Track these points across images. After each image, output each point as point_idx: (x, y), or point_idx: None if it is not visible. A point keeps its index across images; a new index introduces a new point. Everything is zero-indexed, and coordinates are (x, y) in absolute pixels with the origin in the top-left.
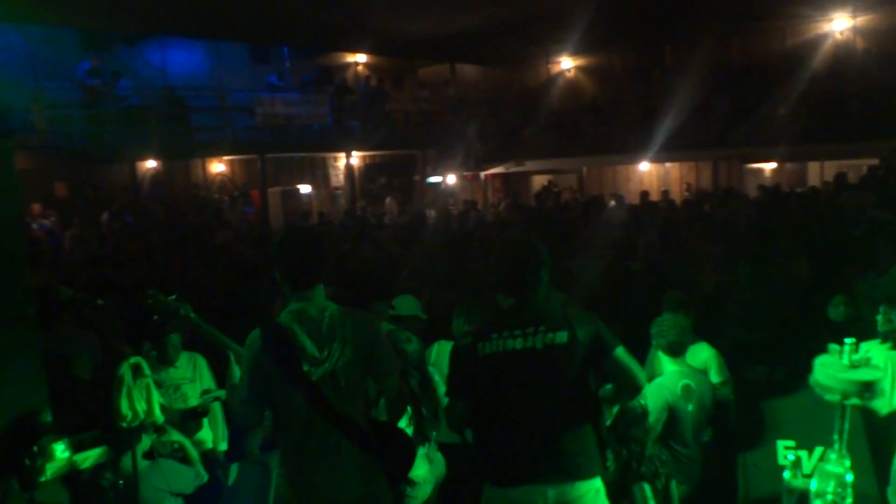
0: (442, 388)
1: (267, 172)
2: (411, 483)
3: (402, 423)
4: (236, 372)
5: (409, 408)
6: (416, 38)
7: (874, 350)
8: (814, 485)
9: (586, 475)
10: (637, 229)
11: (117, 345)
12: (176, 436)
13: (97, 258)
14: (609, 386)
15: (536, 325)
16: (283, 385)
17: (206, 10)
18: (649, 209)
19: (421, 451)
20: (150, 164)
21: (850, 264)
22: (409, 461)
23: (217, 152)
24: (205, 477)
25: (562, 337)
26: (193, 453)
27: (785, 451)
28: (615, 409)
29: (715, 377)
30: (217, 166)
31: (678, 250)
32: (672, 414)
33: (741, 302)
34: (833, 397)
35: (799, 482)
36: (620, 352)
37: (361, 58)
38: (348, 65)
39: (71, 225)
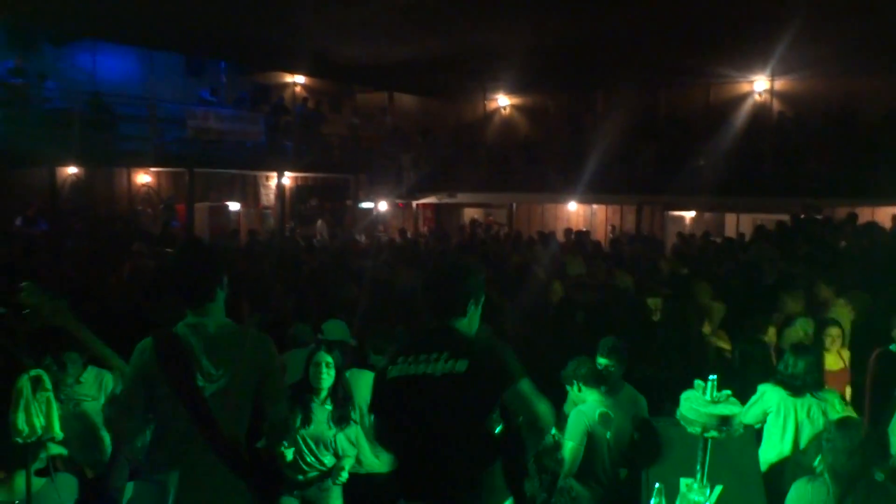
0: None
1: (195, 187)
2: None
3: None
4: (109, 382)
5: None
6: (356, 64)
7: (770, 392)
8: None
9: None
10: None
11: (18, 356)
12: (56, 449)
13: (4, 265)
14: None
15: (441, 352)
16: (170, 398)
17: (141, 16)
18: (576, 247)
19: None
20: (72, 170)
21: (758, 312)
22: (276, 491)
23: (143, 163)
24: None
25: (461, 365)
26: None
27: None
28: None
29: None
30: (143, 178)
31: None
32: (590, 441)
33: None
34: (695, 429)
35: None
36: (524, 385)
37: (300, 79)
38: (286, 85)
39: None
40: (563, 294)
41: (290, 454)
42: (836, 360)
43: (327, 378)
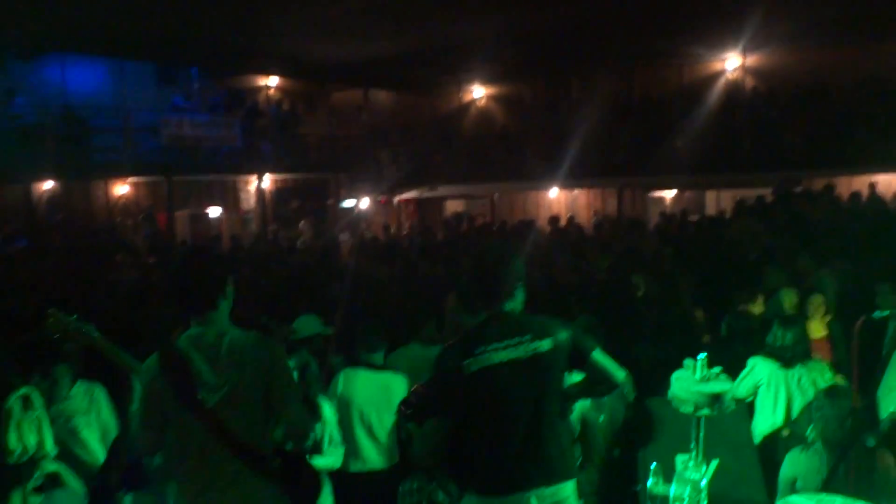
0: (330, 417)
1: (174, 195)
2: None
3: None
4: (100, 395)
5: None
6: (329, 63)
7: (760, 365)
8: (672, 490)
9: (568, 475)
10: (552, 254)
11: (6, 375)
12: (51, 466)
13: None
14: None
15: (522, 335)
16: (179, 410)
17: (110, 26)
18: (560, 235)
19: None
20: (48, 185)
21: (743, 287)
22: (316, 493)
23: (119, 173)
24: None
25: (546, 345)
26: (73, 482)
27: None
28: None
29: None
30: (121, 188)
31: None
32: (584, 426)
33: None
34: (687, 409)
35: (659, 489)
36: (598, 353)
37: (273, 81)
38: (259, 88)
39: None
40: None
41: None
42: (818, 328)
43: None
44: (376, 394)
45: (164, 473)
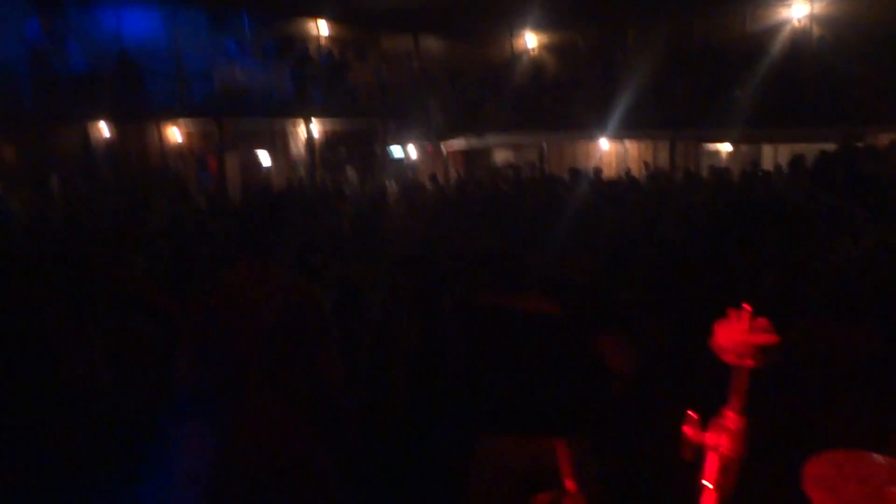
0: None
1: (225, 139)
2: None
3: None
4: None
5: None
6: (380, 9)
7: None
8: (709, 439)
9: None
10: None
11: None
12: None
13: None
14: None
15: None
16: (225, 342)
17: None
18: (613, 188)
19: None
20: (103, 128)
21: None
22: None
23: (172, 116)
24: None
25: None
26: None
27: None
28: None
29: None
30: (173, 132)
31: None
32: None
33: None
34: (730, 358)
35: (696, 436)
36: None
37: (323, 27)
38: (310, 34)
39: (18, 190)
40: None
41: None
42: None
43: None
44: None
45: (212, 407)
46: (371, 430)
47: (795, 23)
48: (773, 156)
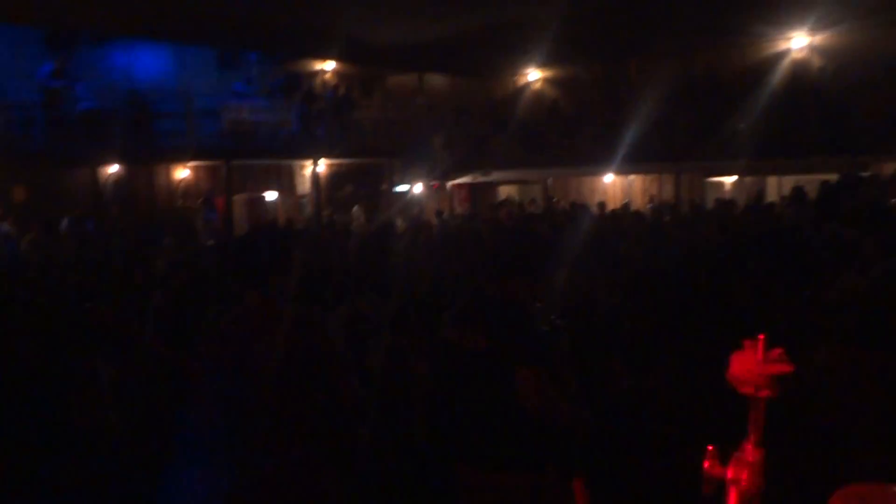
0: None
1: (232, 179)
2: None
3: None
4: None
5: None
6: (385, 47)
7: None
8: (729, 473)
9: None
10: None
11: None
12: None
13: (54, 264)
14: None
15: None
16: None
17: (174, 12)
18: (615, 219)
19: None
20: (113, 169)
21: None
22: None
23: (182, 158)
24: None
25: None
26: None
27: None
28: None
29: None
30: (181, 172)
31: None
32: None
33: None
34: (747, 390)
35: (716, 471)
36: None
37: (330, 65)
38: (316, 72)
39: (29, 230)
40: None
41: None
42: None
43: None
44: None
45: (221, 443)
46: (384, 459)
47: (796, 54)
48: (778, 187)
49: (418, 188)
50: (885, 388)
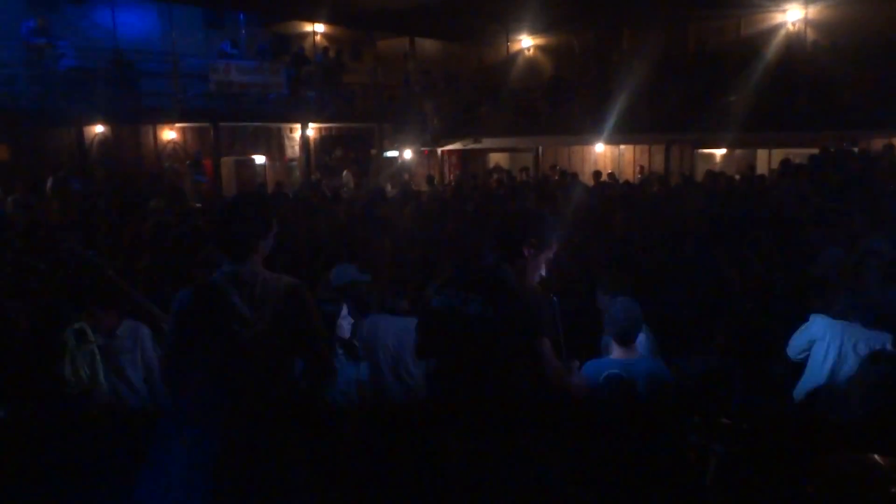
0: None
1: (220, 141)
2: None
3: None
4: (145, 335)
5: None
6: (375, 10)
7: (819, 321)
8: (713, 441)
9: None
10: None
11: (61, 310)
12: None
13: (39, 224)
14: None
15: (477, 293)
16: (210, 344)
17: None
18: (609, 190)
19: None
20: (99, 129)
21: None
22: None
23: (168, 119)
24: None
25: (490, 311)
26: None
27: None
28: None
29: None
30: (168, 133)
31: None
32: None
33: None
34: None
35: (701, 439)
36: (543, 342)
37: (319, 28)
38: (306, 34)
39: (13, 190)
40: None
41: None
42: None
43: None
44: (396, 338)
45: (188, 410)
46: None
47: (790, 27)
48: (768, 160)
49: (408, 154)
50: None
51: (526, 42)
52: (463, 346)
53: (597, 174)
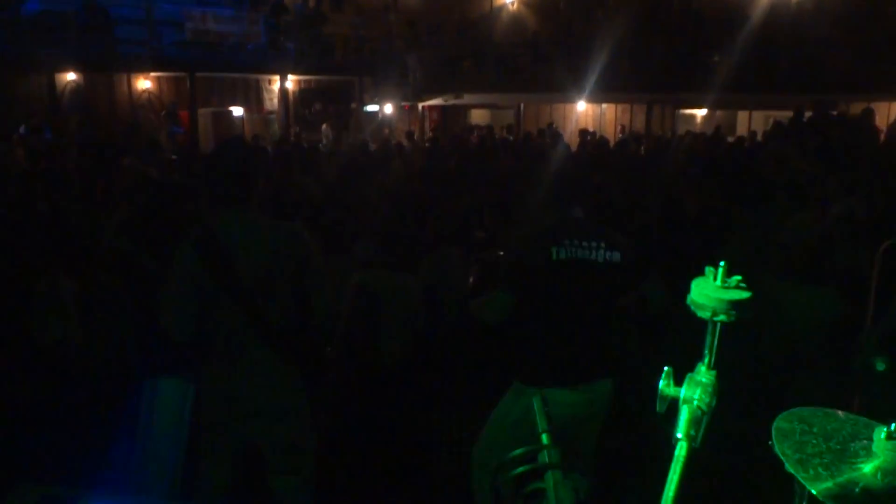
0: None
1: (197, 92)
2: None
3: None
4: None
5: None
6: None
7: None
8: (683, 392)
9: (608, 375)
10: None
11: (35, 262)
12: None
13: (11, 174)
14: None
15: (599, 241)
16: (214, 291)
17: None
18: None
19: None
20: (71, 76)
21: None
22: (323, 378)
23: (142, 67)
24: None
25: (616, 256)
26: None
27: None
28: None
29: None
30: (144, 83)
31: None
32: None
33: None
34: (704, 314)
35: (671, 390)
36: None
37: None
38: None
39: None
40: None
41: None
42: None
43: None
44: (390, 293)
45: (193, 357)
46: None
47: None
48: (748, 121)
49: (388, 108)
50: (825, 322)
51: None
52: (593, 289)
53: (583, 133)
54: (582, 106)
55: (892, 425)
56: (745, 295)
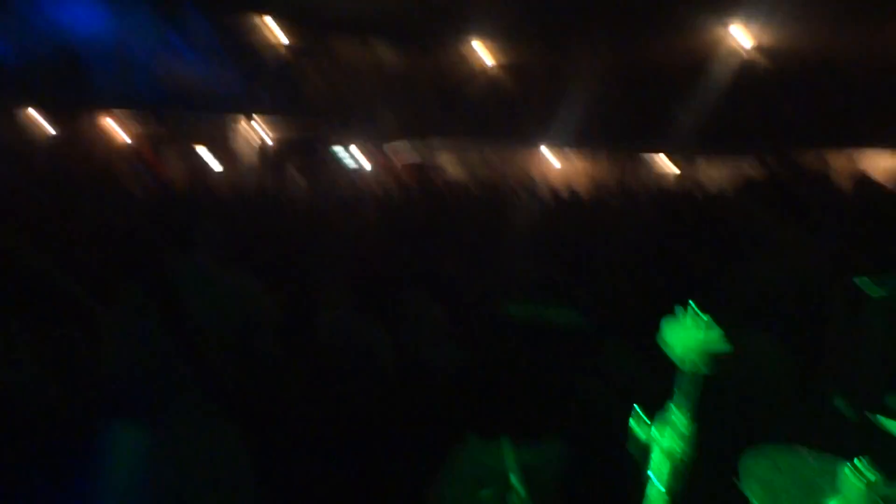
0: None
1: (165, 135)
2: None
3: None
4: None
5: None
6: (330, 8)
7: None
8: (654, 432)
9: None
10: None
11: None
12: None
13: None
14: None
15: None
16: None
17: None
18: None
19: None
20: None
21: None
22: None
23: (110, 108)
24: None
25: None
26: None
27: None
28: None
29: None
30: (110, 123)
31: None
32: None
33: None
34: (675, 355)
35: (641, 430)
36: None
37: (271, 24)
38: (255, 26)
39: None
40: None
41: None
42: None
43: None
44: None
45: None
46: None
47: (731, 44)
48: (709, 174)
49: (356, 152)
50: (780, 368)
51: (477, 46)
52: None
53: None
54: (546, 154)
55: (857, 462)
56: (715, 335)
